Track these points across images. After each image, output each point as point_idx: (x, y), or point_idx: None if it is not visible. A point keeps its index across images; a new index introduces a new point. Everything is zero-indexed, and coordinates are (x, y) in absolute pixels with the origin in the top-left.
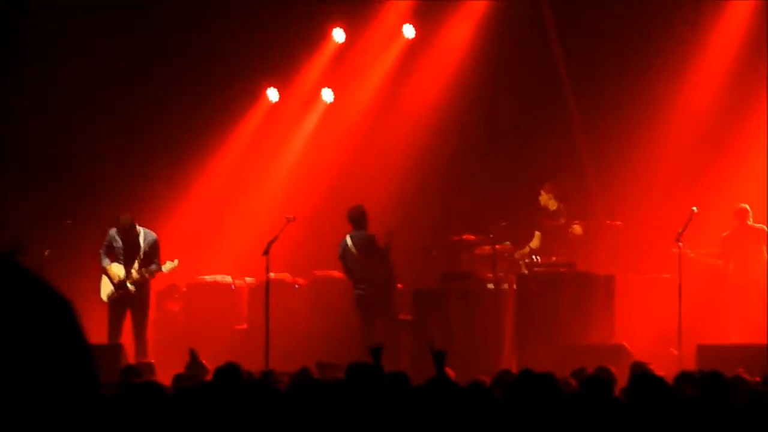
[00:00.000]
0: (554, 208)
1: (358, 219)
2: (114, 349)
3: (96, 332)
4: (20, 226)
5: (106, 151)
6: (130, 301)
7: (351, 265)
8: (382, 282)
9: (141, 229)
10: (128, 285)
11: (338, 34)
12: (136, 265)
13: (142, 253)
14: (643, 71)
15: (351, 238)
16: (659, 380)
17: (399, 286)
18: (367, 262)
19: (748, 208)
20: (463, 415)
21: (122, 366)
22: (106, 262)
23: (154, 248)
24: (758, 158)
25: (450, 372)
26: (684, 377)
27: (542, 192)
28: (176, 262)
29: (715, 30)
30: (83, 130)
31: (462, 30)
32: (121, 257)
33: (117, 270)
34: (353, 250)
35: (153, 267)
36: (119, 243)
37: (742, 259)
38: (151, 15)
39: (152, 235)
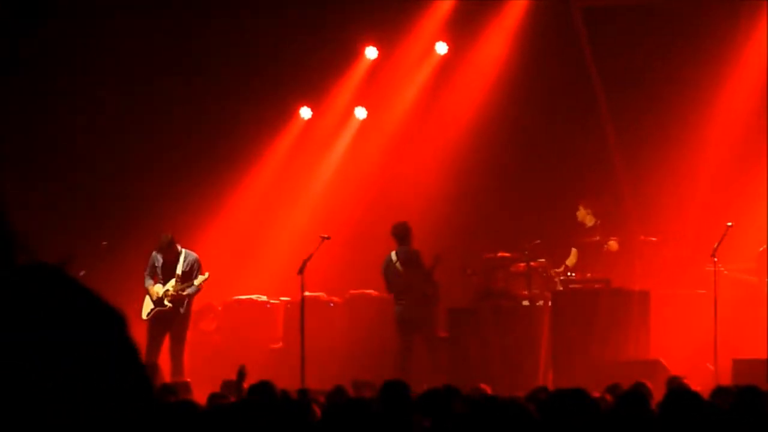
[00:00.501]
0: (591, 224)
1: (402, 235)
2: (149, 367)
3: None
4: (56, 245)
5: (140, 171)
6: (168, 320)
7: (393, 279)
8: (425, 298)
9: (183, 249)
10: (165, 302)
11: (371, 52)
12: (173, 282)
13: (180, 270)
14: (677, 85)
15: (396, 253)
16: (694, 395)
17: None
18: (411, 278)
19: None
20: None
21: (157, 385)
22: (148, 282)
23: (193, 267)
24: None
25: (486, 388)
26: (720, 392)
27: (580, 207)
28: (207, 275)
29: (750, 42)
30: (118, 151)
31: (494, 46)
32: (161, 276)
33: (157, 289)
34: (397, 265)
35: (193, 283)
36: (160, 262)
37: None
38: (185, 35)
39: (193, 255)
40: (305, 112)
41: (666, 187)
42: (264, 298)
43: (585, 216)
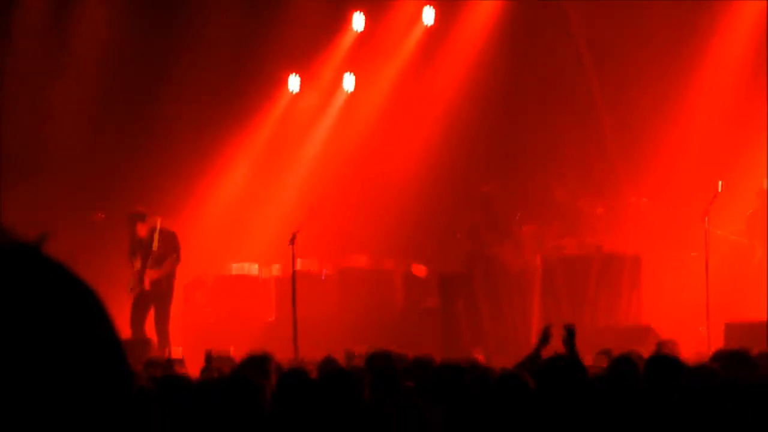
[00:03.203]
0: (571, 199)
1: (484, 201)
2: (142, 342)
3: (123, 327)
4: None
5: (128, 143)
6: (150, 296)
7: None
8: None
9: (158, 227)
10: (143, 281)
11: (358, 21)
12: (149, 261)
13: (155, 246)
14: (667, 45)
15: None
16: (674, 360)
17: (424, 271)
18: (494, 240)
19: None
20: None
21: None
22: (131, 258)
23: (168, 248)
24: None
25: (479, 356)
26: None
27: (556, 190)
28: (176, 258)
29: (744, 1)
30: (106, 122)
31: (481, 12)
32: (138, 253)
33: (136, 265)
34: (480, 230)
35: (169, 260)
36: (137, 238)
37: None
38: (173, 4)
39: (168, 233)
40: (293, 82)
41: (656, 148)
42: (255, 266)
43: (565, 196)
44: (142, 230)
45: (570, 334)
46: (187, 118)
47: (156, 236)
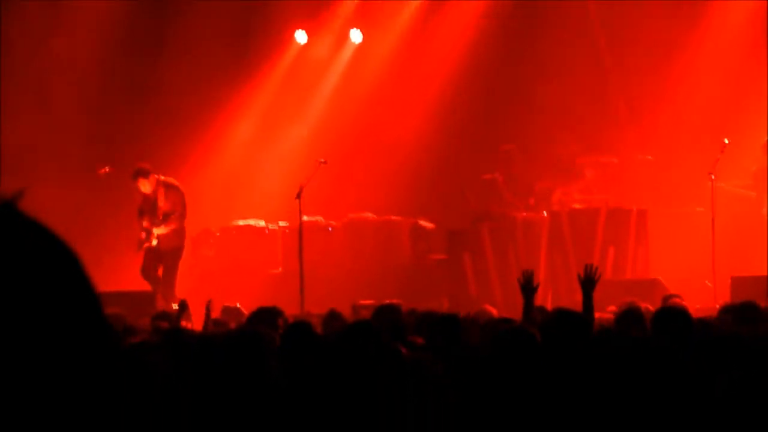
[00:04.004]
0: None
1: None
2: (146, 296)
3: (131, 280)
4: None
5: (135, 98)
6: (159, 252)
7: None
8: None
9: (164, 183)
10: (152, 237)
11: None
12: (157, 217)
13: (161, 202)
14: (673, 2)
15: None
16: (683, 312)
17: (431, 225)
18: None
19: None
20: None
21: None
22: (140, 216)
23: (173, 197)
24: None
25: (492, 310)
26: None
27: (559, 148)
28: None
29: None
30: (112, 76)
31: None
32: (146, 209)
33: (143, 222)
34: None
35: (175, 216)
36: (142, 195)
37: None
38: None
39: (175, 190)
40: (300, 36)
41: (662, 104)
42: (262, 223)
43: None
44: (145, 186)
45: (588, 278)
46: (194, 71)
47: (161, 192)
